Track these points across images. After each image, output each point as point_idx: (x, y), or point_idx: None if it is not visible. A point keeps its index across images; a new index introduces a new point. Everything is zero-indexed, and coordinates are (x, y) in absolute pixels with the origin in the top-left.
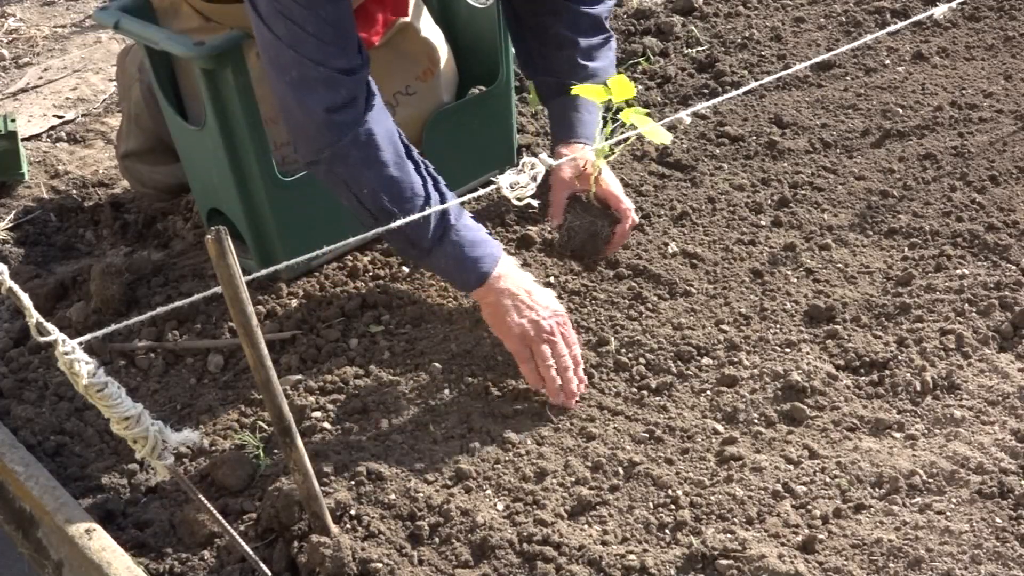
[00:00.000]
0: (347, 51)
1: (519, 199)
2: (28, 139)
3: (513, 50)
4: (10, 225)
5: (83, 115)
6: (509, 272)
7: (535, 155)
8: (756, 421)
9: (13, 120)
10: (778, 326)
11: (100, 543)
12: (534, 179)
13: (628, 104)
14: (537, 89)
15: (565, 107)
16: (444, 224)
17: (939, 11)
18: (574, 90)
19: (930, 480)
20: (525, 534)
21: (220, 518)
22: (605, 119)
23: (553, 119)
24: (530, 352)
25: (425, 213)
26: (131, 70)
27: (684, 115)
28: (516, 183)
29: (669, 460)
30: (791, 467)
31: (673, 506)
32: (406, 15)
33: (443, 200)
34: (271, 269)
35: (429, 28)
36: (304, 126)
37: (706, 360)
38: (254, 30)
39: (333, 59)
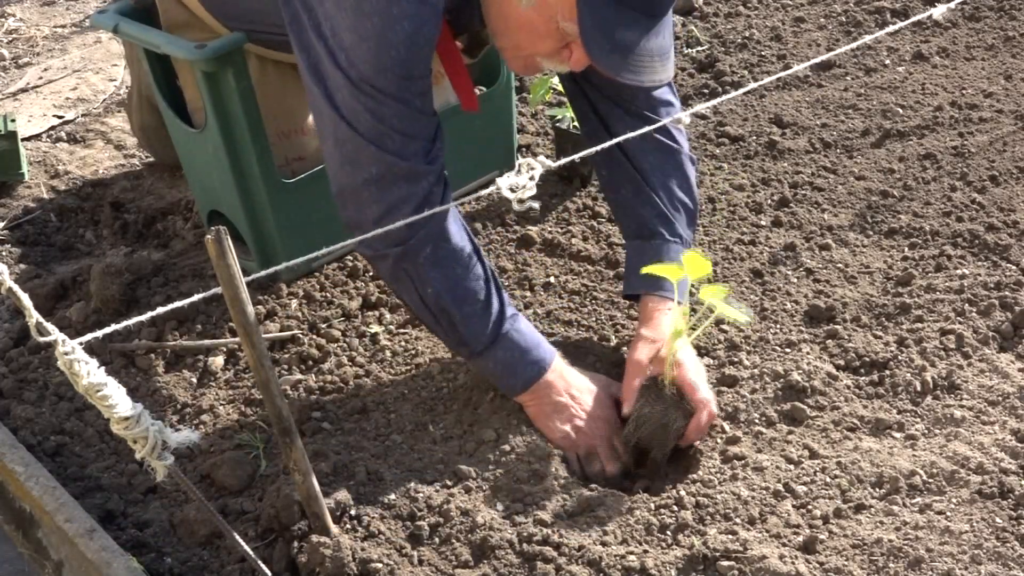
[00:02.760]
0: (428, 139)
1: (520, 201)
2: (28, 139)
3: None
4: (10, 225)
5: (83, 115)
6: (555, 380)
7: (534, 155)
8: (757, 421)
9: (13, 120)
10: (778, 326)
11: (100, 543)
12: (532, 179)
13: (706, 281)
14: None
15: (644, 252)
16: (497, 330)
17: (939, 11)
18: (646, 269)
19: (930, 480)
20: (525, 534)
21: (220, 518)
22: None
23: (631, 263)
24: (574, 454)
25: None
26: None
27: (684, 115)
28: (516, 185)
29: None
30: (792, 467)
31: (676, 507)
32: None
33: (501, 304)
34: (271, 269)
35: None
36: (379, 222)
37: (706, 360)
38: (324, 123)
39: (416, 153)
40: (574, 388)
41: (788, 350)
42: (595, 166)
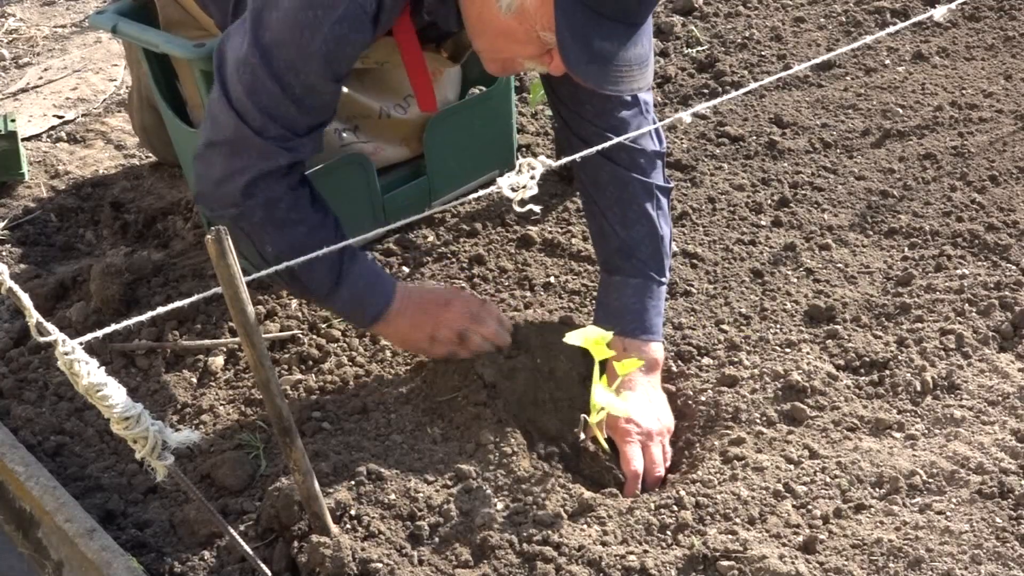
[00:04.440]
0: (296, 131)
1: (522, 202)
2: (28, 139)
3: None
4: (10, 225)
5: (83, 115)
6: (403, 307)
7: (534, 155)
8: (757, 421)
9: (13, 120)
10: (778, 326)
11: (100, 543)
12: (533, 179)
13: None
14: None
15: (607, 287)
16: (336, 276)
17: (940, 12)
18: (568, 338)
19: (930, 480)
20: (525, 534)
21: (220, 518)
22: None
23: (598, 298)
24: (447, 352)
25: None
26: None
27: (684, 115)
28: (517, 185)
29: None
30: (791, 467)
31: (676, 507)
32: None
33: (341, 252)
34: (271, 269)
35: None
36: (219, 184)
37: (706, 360)
38: (214, 84)
39: (276, 137)
40: (425, 301)
41: (788, 350)
42: (582, 202)
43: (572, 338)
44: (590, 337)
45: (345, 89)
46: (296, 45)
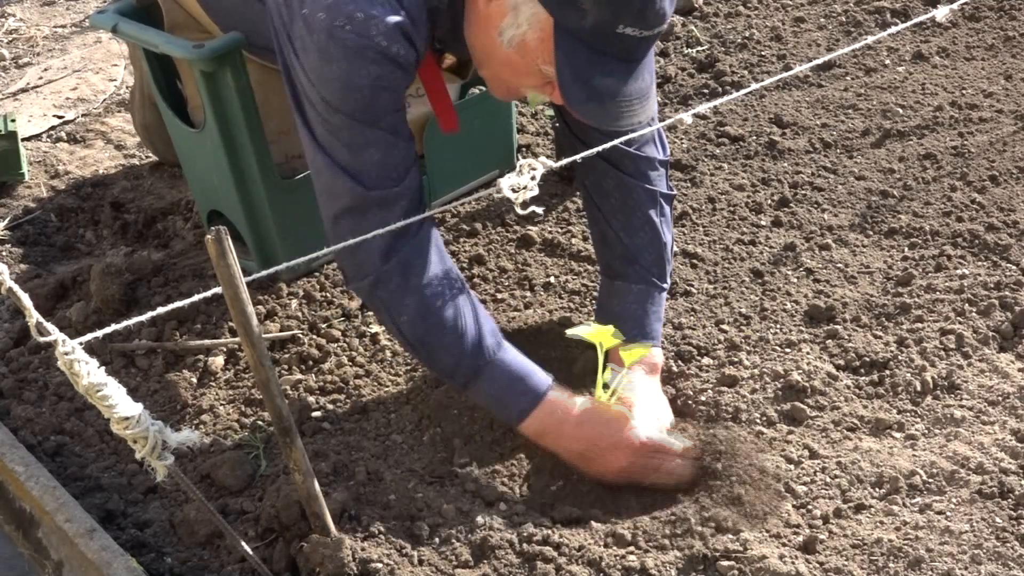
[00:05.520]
0: (403, 165)
1: (524, 204)
2: (28, 139)
3: None
4: (10, 225)
5: (83, 115)
6: (555, 408)
7: (534, 155)
8: (757, 421)
9: (13, 120)
10: (778, 326)
11: (100, 543)
12: (534, 179)
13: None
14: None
15: (608, 292)
16: (478, 362)
17: (941, 13)
18: (571, 332)
19: (930, 480)
20: (525, 534)
21: (220, 518)
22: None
23: (598, 301)
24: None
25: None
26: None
27: (685, 116)
28: (517, 185)
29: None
30: (792, 467)
31: (676, 507)
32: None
33: (481, 334)
34: (271, 270)
35: None
36: (354, 251)
37: (706, 360)
38: (306, 153)
39: (389, 180)
40: (573, 413)
41: (788, 350)
42: (584, 206)
43: (576, 332)
44: (594, 331)
45: None
46: (351, 99)
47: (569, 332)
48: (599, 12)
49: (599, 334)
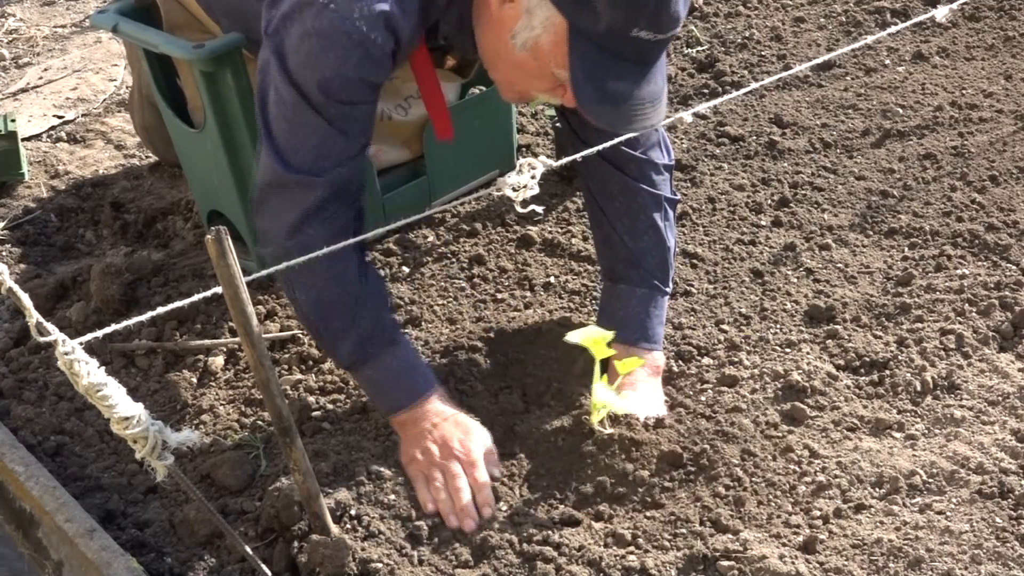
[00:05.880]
0: (333, 159)
1: (524, 202)
2: (28, 139)
3: None
4: (10, 225)
5: (83, 115)
6: (429, 408)
7: (534, 155)
8: (757, 421)
9: (13, 120)
10: (778, 326)
11: (100, 543)
12: (534, 179)
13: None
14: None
15: (611, 295)
16: (365, 353)
17: (941, 13)
18: (570, 337)
19: (930, 480)
20: (525, 534)
21: (220, 518)
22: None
23: (600, 306)
24: (424, 477)
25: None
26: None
27: (684, 115)
28: (518, 184)
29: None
30: (792, 467)
31: (676, 507)
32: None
33: (379, 326)
34: (271, 269)
35: None
36: (265, 219)
37: (706, 360)
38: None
39: (315, 167)
40: (451, 438)
41: (788, 350)
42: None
43: (573, 337)
44: (590, 336)
45: None
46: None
47: (567, 337)
48: (613, 15)
49: (594, 341)
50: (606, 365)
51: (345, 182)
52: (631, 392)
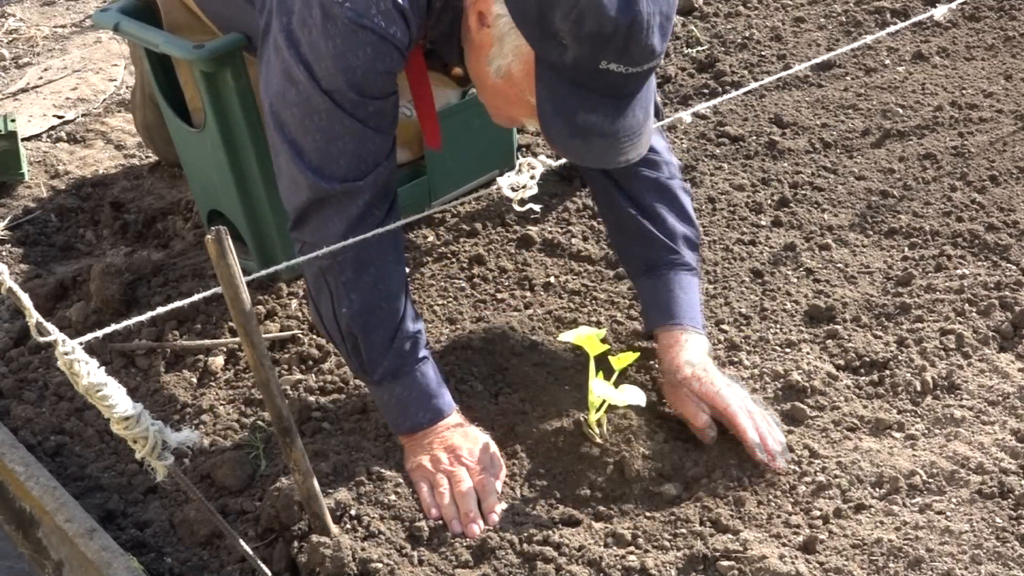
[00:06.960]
0: (373, 158)
1: (522, 201)
2: (28, 139)
3: None
4: (10, 225)
5: (83, 115)
6: (444, 432)
7: (534, 155)
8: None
9: (13, 120)
10: (778, 326)
11: (100, 543)
12: (533, 179)
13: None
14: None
15: (656, 288)
16: (399, 365)
17: (940, 12)
18: (563, 337)
19: (930, 480)
20: (525, 534)
21: (220, 518)
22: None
23: (648, 299)
24: (429, 483)
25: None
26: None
27: (684, 115)
28: (517, 184)
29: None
30: (792, 467)
31: (676, 507)
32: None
33: (414, 344)
34: (271, 269)
35: None
36: (313, 233)
37: None
38: (272, 150)
39: (355, 172)
40: (459, 447)
41: (788, 350)
42: (598, 208)
43: (566, 337)
44: (583, 335)
45: None
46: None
47: (561, 337)
48: (579, 48)
49: (587, 339)
50: (600, 362)
51: (386, 180)
52: (717, 375)
